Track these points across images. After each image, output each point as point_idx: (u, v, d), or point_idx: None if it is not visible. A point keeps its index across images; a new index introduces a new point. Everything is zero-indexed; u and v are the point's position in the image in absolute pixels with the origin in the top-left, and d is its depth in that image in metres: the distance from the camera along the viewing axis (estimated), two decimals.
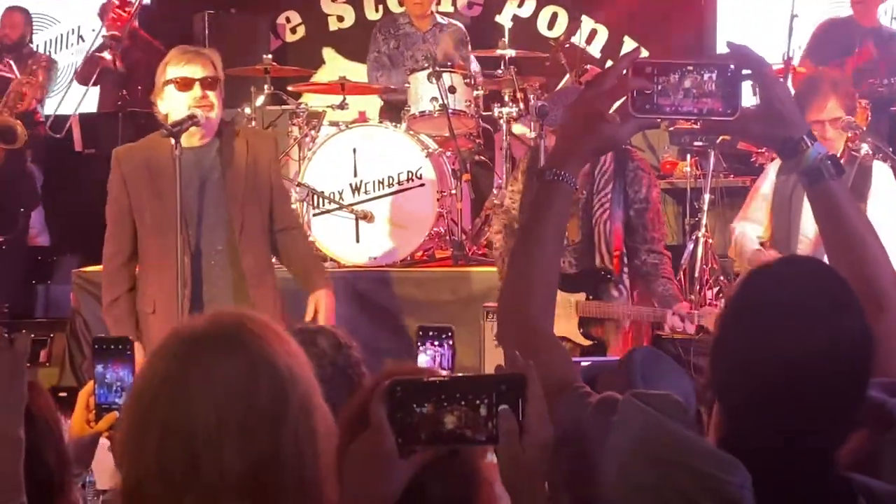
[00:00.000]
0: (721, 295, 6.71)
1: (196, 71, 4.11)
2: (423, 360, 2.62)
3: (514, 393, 1.51)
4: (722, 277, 6.73)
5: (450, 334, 2.69)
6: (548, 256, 1.84)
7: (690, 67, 1.73)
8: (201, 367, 1.50)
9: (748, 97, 1.78)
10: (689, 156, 7.21)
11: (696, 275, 6.52)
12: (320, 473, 1.52)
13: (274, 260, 4.55)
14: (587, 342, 4.81)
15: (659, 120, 2.28)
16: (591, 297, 4.79)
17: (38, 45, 8.96)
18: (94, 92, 8.26)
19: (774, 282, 1.64)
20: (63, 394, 2.25)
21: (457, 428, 1.50)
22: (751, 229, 5.03)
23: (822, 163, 1.81)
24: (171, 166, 4.06)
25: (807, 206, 4.65)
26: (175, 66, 4.13)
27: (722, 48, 8.62)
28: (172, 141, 4.01)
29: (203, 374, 1.49)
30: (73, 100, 8.31)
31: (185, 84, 4.11)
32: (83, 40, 8.96)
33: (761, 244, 5.00)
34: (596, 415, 1.62)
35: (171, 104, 4.14)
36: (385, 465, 1.50)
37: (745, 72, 1.76)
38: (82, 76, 8.18)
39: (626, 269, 4.83)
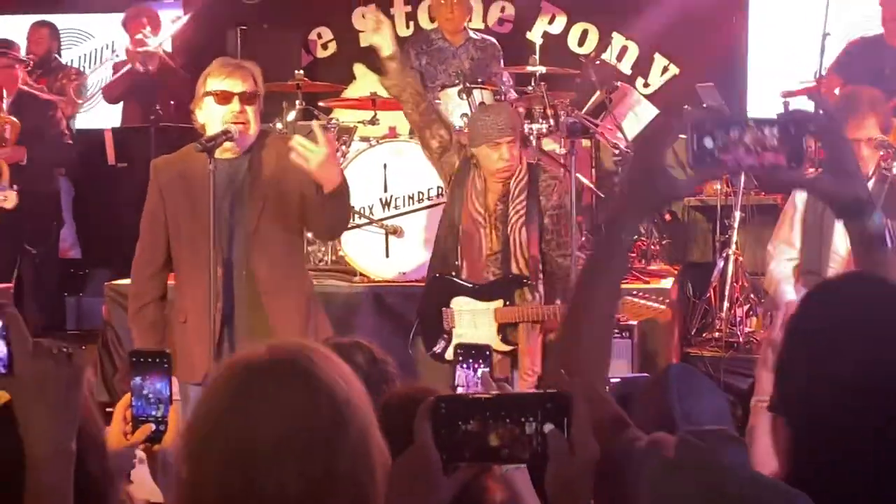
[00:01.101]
0: (751, 313, 6.69)
1: (235, 85, 4.13)
2: (461, 375, 2.61)
3: (559, 411, 1.51)
4: (752, 295, 6.71)
5: (488, 353, 2.69)
6: (605, 315, 1.80)
7: (751, 123, 1.70)
8: (262, 393, 1.53)
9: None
10: None
11: (727, 292, 6.50)
12: (374, 498, 1.54)
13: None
14: (507, 347, 4.91)
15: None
16: (508, 304, 4.92)
17: (71, 60, 9.05)
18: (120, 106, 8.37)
19: (842, 298, 1.63)
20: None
21: (502, 445, 1.50)
22: (782, 251, 4.99)
23: (887, 229, 1.79)
24: (205, 179, 4.07)
25: (839, 225, 4.67)
26: (215, 79, 4.15)
27: (754, 65, 8.66)
28: (211, 161, 4.03)
29: (264, 400, 1.53)
30: (103, 113, 8.41)
31: (223, 97, 4.12)
32: (117, 55, 9.03)
33: (795, 267, 4.97)
34: (647, 456, 1.60)
35: (209, 116, 4.16)
36: (429, 481, 1.51)
37: (810, 128, 1.72)
38: (111, 96, 8.26)
39: (540, 276, 4.95)
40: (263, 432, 1.51)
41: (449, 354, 4.81)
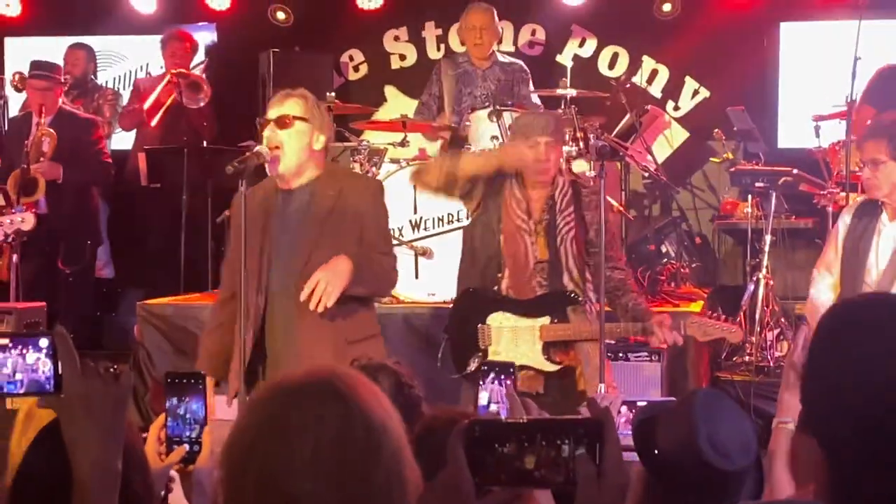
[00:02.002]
0: (782, 337, 6.66)
1: (276, 111, 4.17)
2: (485, 395, 2.63)
3: (592, 437, 1.52)
4: (783, 319, 6.68)
5: (512, 371, 2.70)
6: None
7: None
8: (298, 416, 1.55)
9: None
10: (750, 196, 7.17)
11: (757, 316, 6.48)
12: None
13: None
14: (552, 367, 4.69)
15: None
16: (556, 321, 4.69)
17: (105, 82, 9.15)
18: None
19: (868, 311, 1.64)
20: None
21: (536, 469, 1.51)
22: (822, 277, 4.95)
23: None
24: (271, 207, 4.16)
25: (874, 247, 4.67)
26: (270, 107, 4.23)
27: (785, 88, 8.62)
28: (242, 184, 4.07)
29: (299, 425, 1.54)
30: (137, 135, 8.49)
31: (263, 125, 4.19)
32: (150, 77, 9.13)
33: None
34: None
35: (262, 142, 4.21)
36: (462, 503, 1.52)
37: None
38: (129, 123, 8.36)
39: (590, 286, 4.78)
40: (299, 456, 1.53)
41: None
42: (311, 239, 4.15)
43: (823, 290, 4.90)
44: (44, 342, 1.76)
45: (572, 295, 4.71)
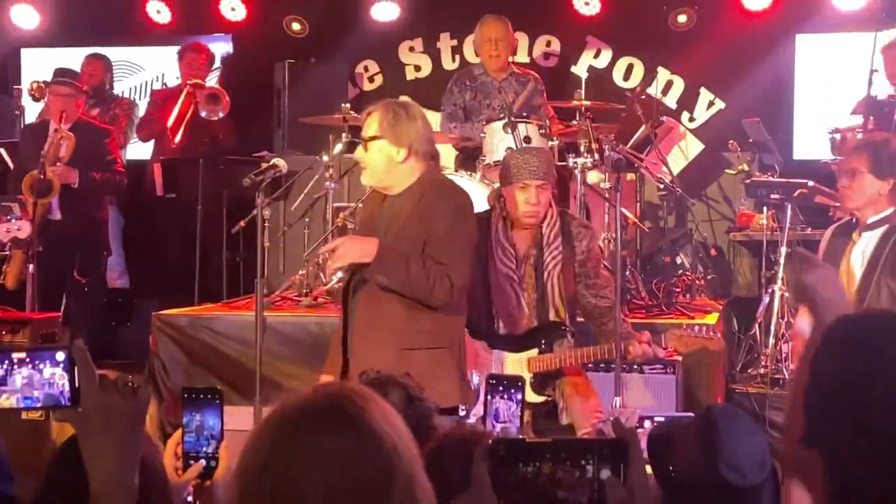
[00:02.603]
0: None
1: (363, 130, 4.34)
2: (497, 409, 2.62)
3: (616, 457, 1.51)
4: None
5: (520, 384, 2.69)
6: None
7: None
8: (309, 441, 1.54)
9: None
10: (765, 208, 7.14)
11: (773, 328, 6.45)
12: None
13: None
14: (539, 399, 4.84)
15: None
16: (543, 351, 4.85)
17: (122, 92, 9.19)
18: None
19: (868, 326, 1.63)
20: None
21: (561, 489, 1.50)
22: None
23: None
24: (374, 212, 4.36)
25: (846, 263, 4.77)
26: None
27: (800, 99, 8.60)
28: (258, 196, 4.13)
29: (311, 448, 1.54)
30: (154, 145, 8.52)
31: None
32: (167, 87, 9.17)
33: None
34: None
35: None
36: None
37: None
38: (146, 134, 8.40)
39: (576, 319, 4.98)
40: (311, 479, 1.52)
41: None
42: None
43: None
44: (60, 356, 1.76)
45: (561, 326, 4.88)
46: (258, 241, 4.08)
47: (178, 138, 8.11)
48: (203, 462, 2.37)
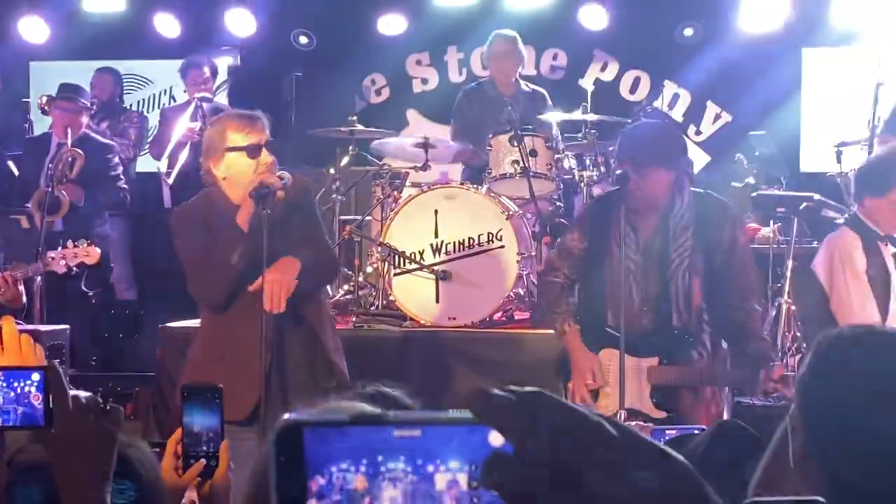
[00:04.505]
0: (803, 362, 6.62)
1: (262, 137, 4.34)
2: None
3: None
4: (805, 345, 6.64)
5: None
6: None
7: None
8: None
9: None
10: (771, 221, 7.15)
11: (779, 341, 6.45)
12: None
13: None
14: (660, 414, 4.26)
15: None
16: (664, 362, 4.26)
17: (130, 105, 9.23)
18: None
19: (866, 340, 1.64)
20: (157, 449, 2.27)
21: None
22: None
23: None
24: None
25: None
26: (238, 133, 4.34)
27: (807, 114, 8.61)
28: (264, 207, 4.18)
29: None
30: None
31: (252, 151, 4.29)
32: (175, 100, 9.21)
33: None
34: None
35: (233, 170, 4.30)
36: None
37: None
38: (158, 152, 8.43)
39: (706, 328, 4.29)
40: None
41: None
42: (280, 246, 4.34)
43: None
44: (36, 376, 1.76)
45: (684, 336, 4.26)
46: (263, 253, 4.09)
47: (174, 169, 8.08)
48: (203, 461, 2.34)
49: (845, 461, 1.61)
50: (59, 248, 5.71)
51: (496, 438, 0.78)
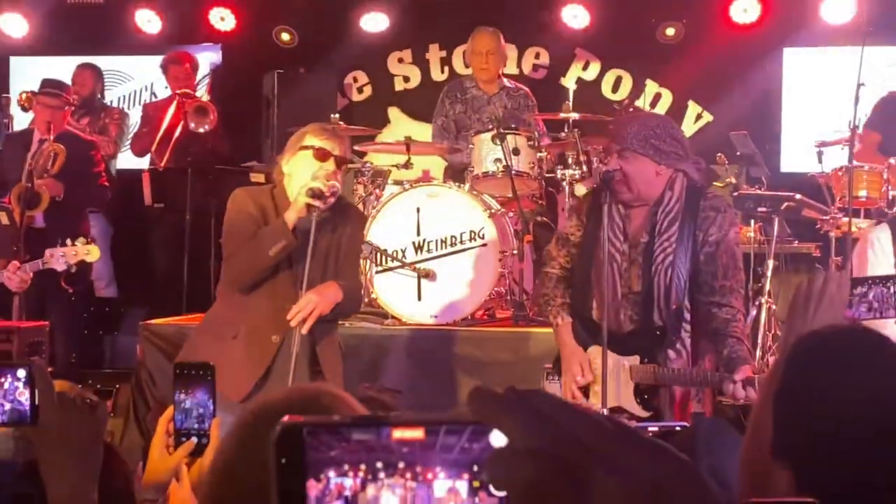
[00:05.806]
0: None
1: (334, 147, 4.44)
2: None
3: None
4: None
5: None
6: None
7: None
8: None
9: None
10: (752, 221, 7.17)
11: (759, 341, 6.48)
12: None
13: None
14: (645, 413, 4.21)
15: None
16: (645, 361, 4.20)
17: (111, 101, 9.19)
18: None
19: (842, 340, 1.65)
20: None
21: None
22: None
23: None
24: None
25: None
26: (316, 137, 4.44)
27: (788, 113, 8.64)
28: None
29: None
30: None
31: (321, 155, 4.38)
32: (156, 96, 9.17)
33: None
34: None
35: (298, 168, 4.42)
36: None
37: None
38: (140, 149, 8.40)
39: (686, 327, 4.21)
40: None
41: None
42: (322, 262, 4.54)
43: None
44: (21, 373, 1.77)
45: (665, 335, 4.20)
46: (301, 252, 4.16)
47: (163, 161, 8.10)
48: (195, 439, 2.32)
49: (813, 462, 1.61)
50: (59, 246, 5.68)
51: (498, 440, 0.78)
